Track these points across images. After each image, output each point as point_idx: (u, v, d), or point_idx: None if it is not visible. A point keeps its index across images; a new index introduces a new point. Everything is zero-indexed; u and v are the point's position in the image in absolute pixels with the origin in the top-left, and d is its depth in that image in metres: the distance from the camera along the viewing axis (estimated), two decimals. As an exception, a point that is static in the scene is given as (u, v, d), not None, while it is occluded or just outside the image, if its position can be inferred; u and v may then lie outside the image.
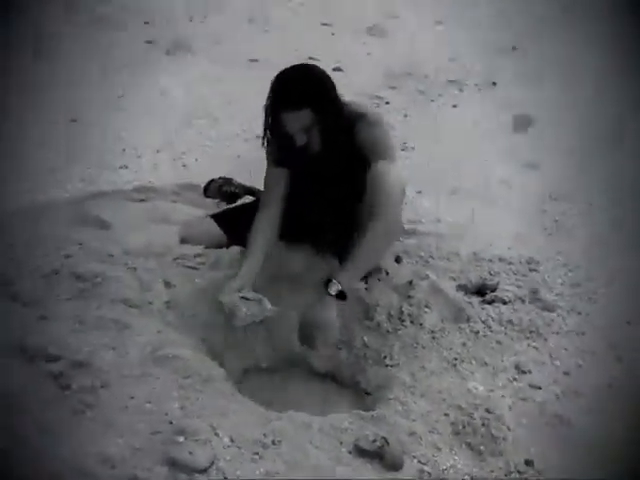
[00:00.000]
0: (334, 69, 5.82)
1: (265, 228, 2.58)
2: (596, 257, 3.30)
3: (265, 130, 2.47)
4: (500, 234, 3.37)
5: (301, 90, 2.34)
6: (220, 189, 3.25)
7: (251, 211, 2.82)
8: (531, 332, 2.58)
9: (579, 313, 2.79)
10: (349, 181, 2.53)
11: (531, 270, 3.07)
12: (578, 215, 3.75)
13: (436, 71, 6.23)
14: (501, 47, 6.97)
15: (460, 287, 2.79)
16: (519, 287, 2.90)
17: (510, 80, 5.94)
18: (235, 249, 2.71)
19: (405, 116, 4.99)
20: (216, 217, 2.85)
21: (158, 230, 2.89)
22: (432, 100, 5.43)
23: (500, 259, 3.11)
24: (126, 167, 3.49)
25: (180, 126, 4.17)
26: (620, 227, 3.65)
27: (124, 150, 3.68)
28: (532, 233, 3.47)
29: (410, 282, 2.68)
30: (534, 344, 2.53)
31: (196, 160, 3.72)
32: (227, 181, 3.28)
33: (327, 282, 2.30)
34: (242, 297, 2.34)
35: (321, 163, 2.55)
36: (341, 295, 2.29)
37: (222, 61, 5.62)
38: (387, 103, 5.16)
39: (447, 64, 6.55)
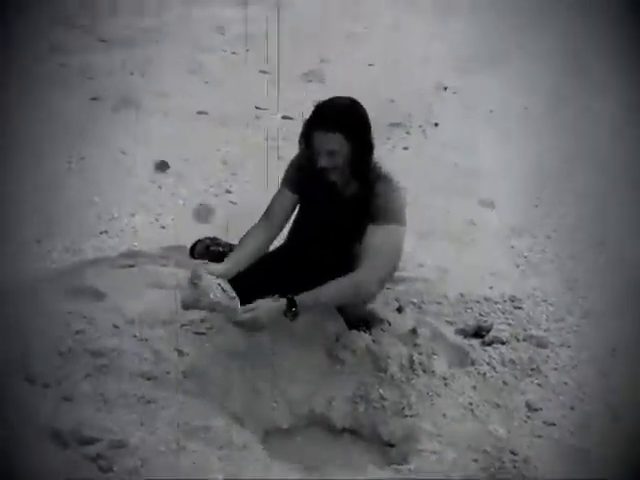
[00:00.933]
0: (283, 117, 5.93)
1: (259, 235, 2.72)
2: (568, 290, 3.49)
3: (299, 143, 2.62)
4: (479, 274, 3.52)
5: (339, 115, 2.49)
6: (208, 249, 3.26)
7: (254, 268, 2.88)
8: (532, 370, 2.72)
9: (568, 346, 2.96)
10: (355, 227, 2.61)
11: (515, 308, 3.22)
12: (541, 249, 3.94)
13: (379, 114, 6.40)
14: (436, 86, 7.26)
15: (459, 331, 2.90)
16: (510, 325, 3.04)
17: (451, 119, 6.18)
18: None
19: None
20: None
21: (155, 296, 2.87)
22: (383, 143, 5.60)
23: (485, 299, 3.25)
24: (106, 232, 3.46)
25: (148, 186, 4.16)
26: (580, 258, 3.88)
27: (100, 215, 3.64)
28: (507, 270, 3.64)
29: (414, 330, 2.76)
30: (537, 381, 2.67)
31: (173, 220, 3.72)
32: (214, 241, 3.30)
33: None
34: (219, 284, 2.42)
35: (335, 200, 2.67)
36: (292, 305, 2.40)
37: (171, 115, 5.62)
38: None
39: (388, 106, 6.76)
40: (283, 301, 2.54)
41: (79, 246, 3.29)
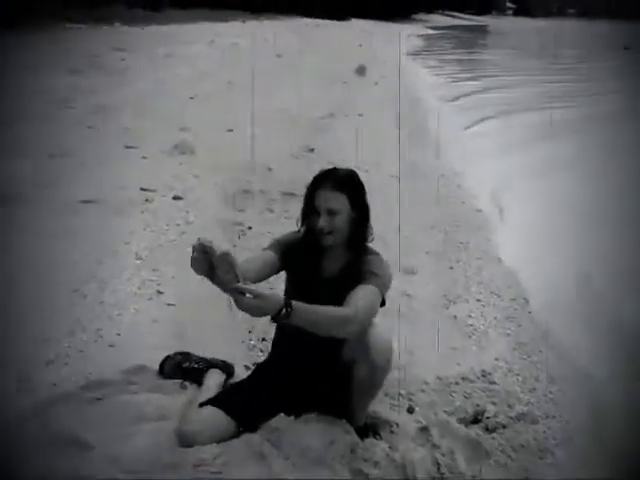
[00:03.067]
0: (174, 198, 5.71)
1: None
2: (524, 354, 3.65)
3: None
4: (441, 352, 3.56)
5: (344, 178, 2.58)
6: (179, 367, 3.02)
7: (250, 384, 2.71)
8: (541, 451, 2.78)
9: (554, 417, 3.07)
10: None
11: (491, 383, 3.30)
12: (481, 314, 4.09)
13: (263, 183, 6.40)
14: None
15: (460, 421, 2.91)
16: (494, 404, 3.10)
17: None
18: (254, 437, 2.55)
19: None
20: (214, 402, 2.66)
21: (145, 433, 2.61)
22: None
23: (462, 378, 3.30)
24: (52, 363, 3.08)
25: (70, 295, 3.79)
26: (519, 321, 4.08)
27: (34, 340, 3.25)
28: (462, 343, 3.72)
29: (425, 428, 2.74)
30: (549, 461, 2.74)
31: (118, 334, 3.40)
32: (185, 356, 3.07)
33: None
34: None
35: (320, 280, 2.65)
36: (287, 305, 2.24)
37: (54, 208, 5.21)
38: (250, 228, 5.17)
39: (264, 173, 6.77)
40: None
41: (32, 380, 2.91)
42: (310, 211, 2.62)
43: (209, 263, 2.26)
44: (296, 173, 6.80)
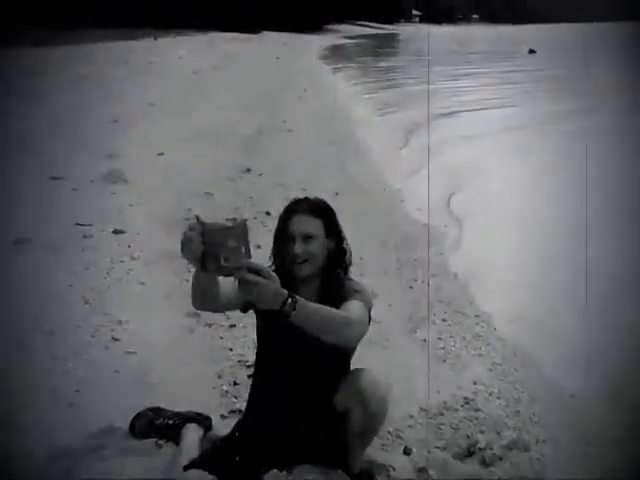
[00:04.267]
0: (114, 232, 5.42)
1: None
2: (498, 375, 3.60)
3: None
4: (418, 380, 3.45)
5: (318, 204, 2.50)
6: (152, 424, 2.80)
7: (235, 441, 2.53)
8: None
9: (544, 441, 3.00)
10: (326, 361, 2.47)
11: (475, 410, 3.22)
12: (450, 335, 4.02)
13: (205, 209, 6.17)
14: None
15: (456, 456, 2.80)
16: (482, 432, 3.01)
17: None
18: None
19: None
20: (198, 464, 2.46)
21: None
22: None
23: (445, 408, 3.21)
24: (3, 429, 2.80)
25: (14, 349, 3.48)
26: (487, 339, 4.03)
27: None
28: (437, 369, 3.63)
29: (422, 469, 2.62)
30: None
31: (77, 391, 3.13)
32: (156, 412, 2.85)
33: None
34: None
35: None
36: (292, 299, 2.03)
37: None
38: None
39: (204, 198, 6.55)
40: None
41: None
42: (283, 239, 2.48)
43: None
44: (238, 197, 6.64)
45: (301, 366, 2.50)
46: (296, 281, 2.47)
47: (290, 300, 2.02)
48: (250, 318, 3.95)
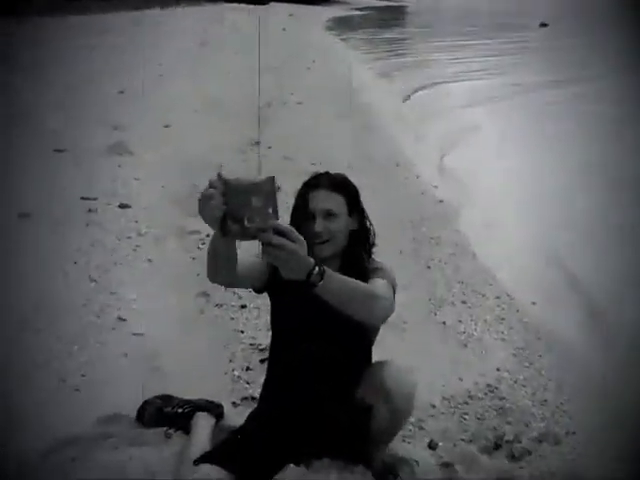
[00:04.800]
0: (120, 206, 5.25)
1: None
2: (524, 361, 3.43)
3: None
4: (439, 365, 3.31)
5: (340, 179, 2.33)
6: (161, 412, 2.64)
7: (250, 433, 2.36)
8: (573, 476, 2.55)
9: (574, 433, 2.85)
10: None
11: (500, 399, 3.08)
12: (471, 318, 3.85)
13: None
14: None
15: (482, 449, 2.65)
16: (510, 424, 2.88)
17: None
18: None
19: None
20: (211, 458, 2.29)
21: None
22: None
23: (470, 397, 3.07)
24: (9, 420, 2.64)
25: (19, 328, 3.33)
26: (509, 322, 3.86)
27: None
28: (459, 355, 3.48)
29: (448, 464, 2.47)
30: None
31: (83, 376, 2.97)
32: (165, 400, 2.69)
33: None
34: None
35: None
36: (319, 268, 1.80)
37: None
38: (209, 236, 4.76)
39: (214, 171, 6.35)
40: None
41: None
42: (302, 216, 2.28)
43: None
44: (247, 170, 6.44)
45: (321, 350, 2.32)
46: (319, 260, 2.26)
47: (317, 269, 1.80)
48: (262, 299, 3.84)
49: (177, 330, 3.43)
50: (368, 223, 2.40)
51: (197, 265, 4.23)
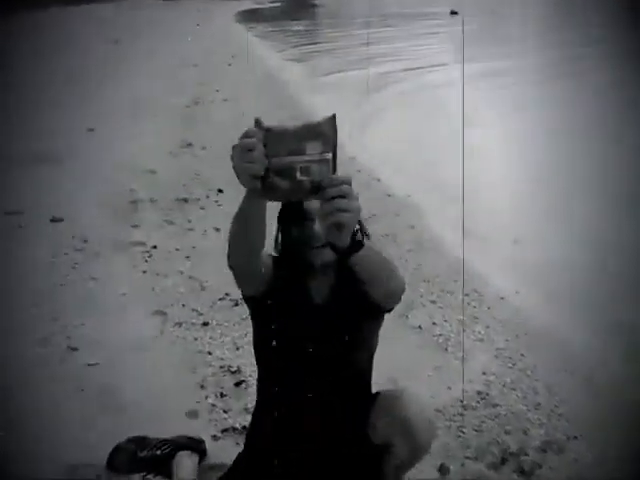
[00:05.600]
0: (52, 220, 4.84)
1: None
2: (507, 362, 3.29)
3: None
4: (425, 375, 3.11)
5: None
6: (135, 457, 2.34)
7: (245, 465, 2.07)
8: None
9: (575, 438, 2.72)
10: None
11: (493, 406, 2.91)
12: (444, 319, 3.69)
13: (150, 189, 5.64)
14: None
15: (490, 466, 2.47)
16: (509, 433, 2.72)
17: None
18: None
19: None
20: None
21: None
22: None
23: (463, 407, 2.87)
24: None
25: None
26: (484, 321, 3.72)
27: None
28: (441, 360, 3.29)
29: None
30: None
31: (39, 420, 2.62)
32: (139, 442, 2.39)
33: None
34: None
35: (317, 300, 1.98)
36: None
37: None
38: (154, 247, 4.43)
39: (147, 177, 5.99)
40: None
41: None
42: (296, 218, 1.93)
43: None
44: (183, 174, 6.11)
45: (325, 384, 1.99)
46: (311, 270, 1.95)
47: (359, 234, 1.48)
48: (223, 314, 3.58)
49: (135, 356, 3.11)
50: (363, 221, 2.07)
51: (149, 279, 3.92)
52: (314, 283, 1.99)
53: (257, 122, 1.32)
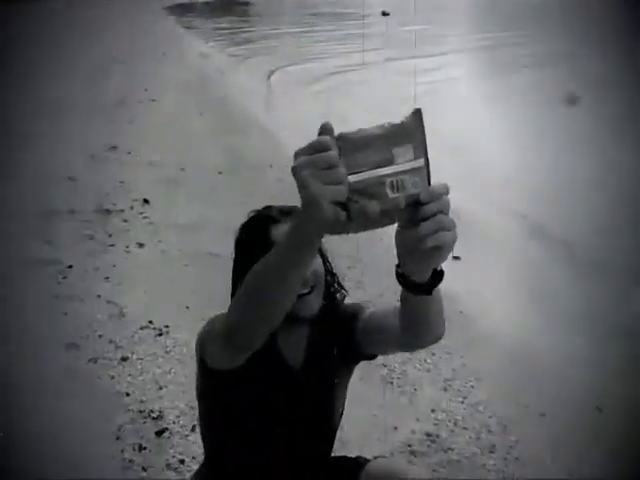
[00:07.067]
0: None
1: None
2: (459, 397, 3.05)
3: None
4: (369, 413, 2.83)
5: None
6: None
7: None
8: None
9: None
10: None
11: (444, 451, 2.67)
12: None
13: (70, 198, 5.19)
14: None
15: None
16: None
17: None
18: None
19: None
20: None
21: None
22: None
23: (412, 452, 2.61)
24: None
25: None
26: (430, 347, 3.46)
27: None
28: (386, 395, 3.02)
29: None
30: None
31: None
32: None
33: None
34: None
35: (290, 362, 1.65)
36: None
37: None
38: (70, 267, 4.01)
39: (66, 185, 5.53)
40: None
41: None
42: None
43: None
44: (106, 182, 5.67)
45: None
46: (286, 325, 1.39)
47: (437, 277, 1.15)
48: (144, 346, 3.21)
49: (41, 397, 2.71)
50: (328, 262, 1.71)
51: (61, 304, 3.52)
52: (289, 337, 1.65)
53: (327, 128, 0.97)
